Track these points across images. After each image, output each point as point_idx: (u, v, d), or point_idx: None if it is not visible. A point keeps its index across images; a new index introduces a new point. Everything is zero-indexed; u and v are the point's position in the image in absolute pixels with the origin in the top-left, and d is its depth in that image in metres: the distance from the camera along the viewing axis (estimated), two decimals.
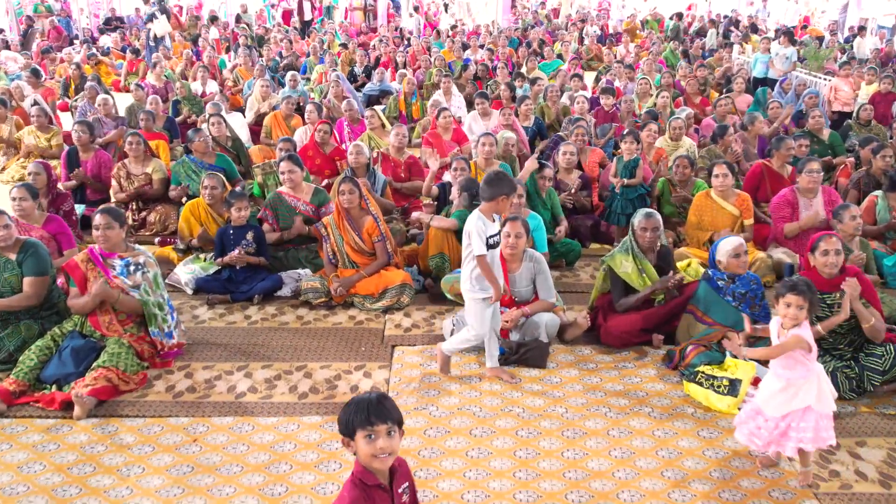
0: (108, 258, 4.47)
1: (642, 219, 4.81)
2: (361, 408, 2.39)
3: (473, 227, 4.09)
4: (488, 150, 6.71)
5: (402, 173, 7.24)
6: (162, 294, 4.57)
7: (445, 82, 10.48)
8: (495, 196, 4.08)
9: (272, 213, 5.85)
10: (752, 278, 4.57)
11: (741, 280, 4.52)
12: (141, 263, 4.50)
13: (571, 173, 6.76)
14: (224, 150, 7.65)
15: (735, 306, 4.51)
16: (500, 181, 4.09)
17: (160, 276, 4.60)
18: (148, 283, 4.48)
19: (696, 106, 10.45)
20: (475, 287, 4.20)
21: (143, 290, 4.45)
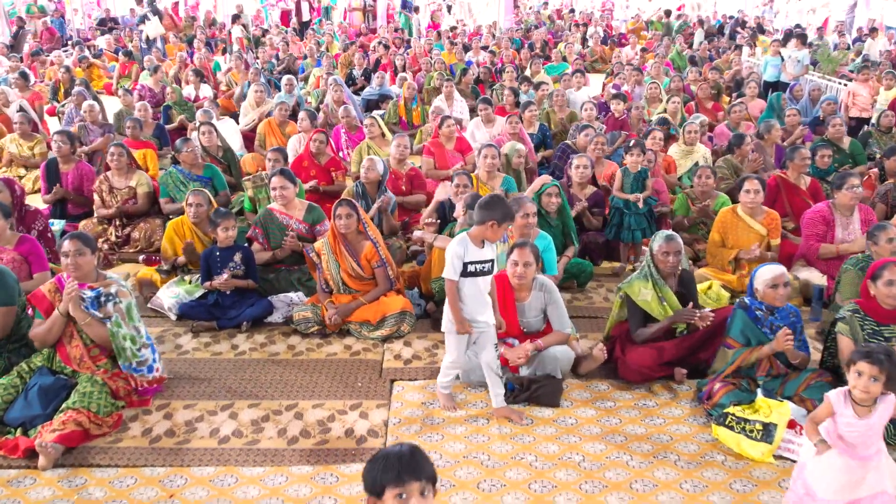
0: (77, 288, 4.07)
1: (663, 242, 4.41)
2: (391, 463, 2.16)
3: (451, 249, 3.75)
4: (491, 162, 6.32)
5: (404, 186, 6.85)
6: (136, 326, 4.16)
7: (447, 86, 10.09)
8: (484, 220, 3.71)
9: (262, 231, 5.45)
10: (791, 310, 4.18)
11: (780, 313, 4.13)
12: (112, 294, 4.10)
13: (585, 188, 6.35)
14: (214, 161, 7.27)
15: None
16: (493, 206, 3.70)
17: (134, 306, 4.20)
18: (120, 314, 4.08)
19: (708, 111, 10.05)
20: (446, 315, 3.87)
21: (114, 321, 4.06)
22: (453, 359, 4.01)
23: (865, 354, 2.92)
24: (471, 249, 3.75)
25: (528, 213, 4.94)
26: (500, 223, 3.68)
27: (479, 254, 3.77)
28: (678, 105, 9.20)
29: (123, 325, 4.08)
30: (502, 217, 3.68)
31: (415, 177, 6.91)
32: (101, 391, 3.93)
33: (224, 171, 7.28)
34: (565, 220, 5.69)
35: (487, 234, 3.74)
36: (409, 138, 6.97)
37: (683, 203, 6.27)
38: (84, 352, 4.05)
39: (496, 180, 6.43)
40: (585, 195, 6.34)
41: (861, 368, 2.91)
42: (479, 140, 8.59)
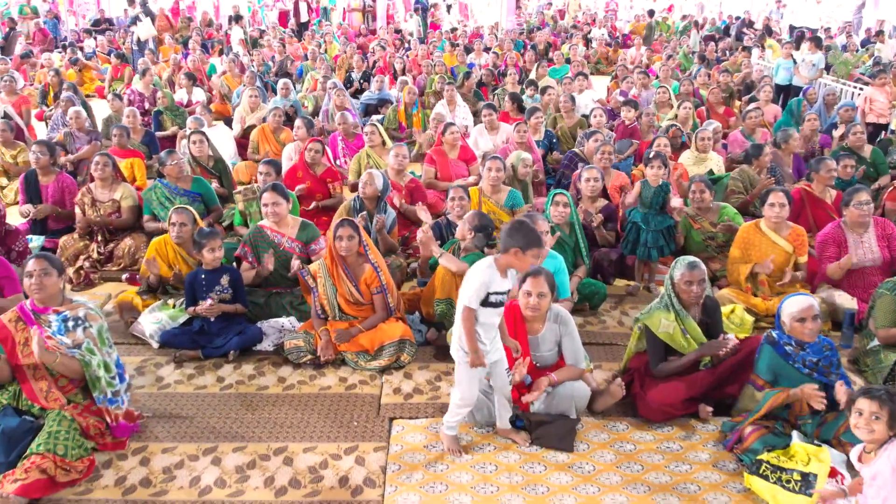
0: (41, 314, 3.71)
1: (686, 270, 4.03)
2: None
3: (477, 275, 3.40)
4: (495, 175, 5.95)
5: (403, 199, 6.48)
6: (108, 351, 3.80)
7: (449, 91, 9.71)
8: (508, 248, 3.35)
9: (252, 250, 5.08)
10: (825, 343, 3.82)
11: (812, 347, 3.76)
12: (81, 317, 3.74)
13: (595, 202, 5.98)
14: (205, 172, 6.89)
15: (807, 374, 3.76)
16: (521, 233, 3.34)
17: (106, 330, 3.83)
18: (91, 339, 3.72)
19: (720, 116, 9.68)
20: (460, 343, 3.53)
21: (85, 347, 3.69)
22: (463, 396, 3.67)
23: (865, 391, 2.91)
24: (496, 278, 3.40)
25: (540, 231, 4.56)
26: (524, 251, 3.33)
27: (500, 284, 3.43)
28: (690, 111, 8.82)
29: (97, 352, 3.72)
30: (529, 244, 3.33)
31: (415, 189, 6.54)
32: (69, 429, 3.56)
33: (215, 181, 6.92)
34: (577, 236, 5.31)
35: (513, 263, 3.40)
36: (407, 148, 6.58)
37: (685, 225, 5.88)
38: (51, 383, 3.70)
39: (501, 194, 6.06)
40: (597, 209, 5.97)
41: (861, 406, 2.87)
42: (483, 148, 8.24)
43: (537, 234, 3.41)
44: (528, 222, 3.46)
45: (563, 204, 5.29)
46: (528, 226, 3.40)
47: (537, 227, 4.50)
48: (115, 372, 3.81)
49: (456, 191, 5.39)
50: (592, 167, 5.94)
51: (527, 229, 3.38)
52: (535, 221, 4.55)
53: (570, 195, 5.37)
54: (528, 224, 3.42)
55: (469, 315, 3.44)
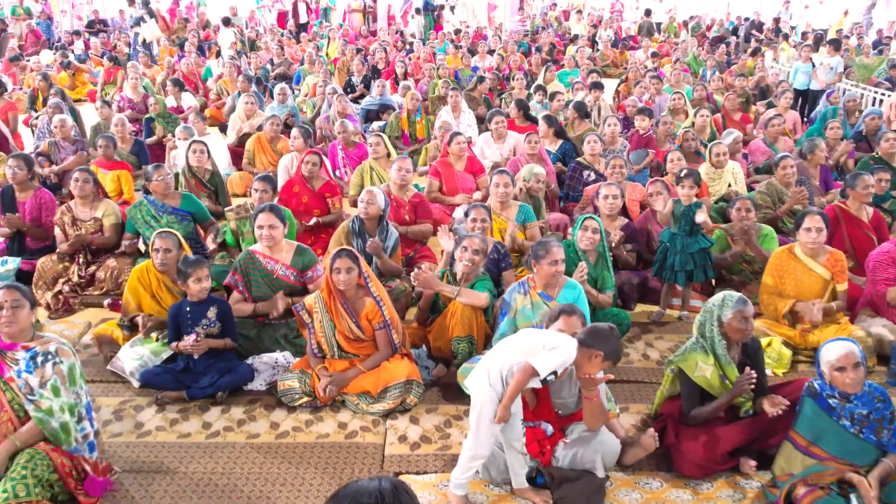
0: (8, 350, 3.28)
1: (739, 308, 3.60)
2: None
3: (566, 350, 3.21)
4: (503, 192, 5.52)
5: (407, 215, 6.05)
6: (79, 392, 3.38)
7: (453, 96, 9.27)
8: (591, 349, 3.24)
9: (242, 278, 4.64)
10: (877, 393, 3.38)
11: (860, 398, 3.33)
12: (52, 352, 3.31)
13: (615, 220, 5.54)
14: (200, 185, 6.45)
15: (855, 433, 3.32)
16: (608, 342, 3.26)
17: (79, 368, 3.41)
18: (60, 377, 3.29)
19: (737, 124, 9.23)
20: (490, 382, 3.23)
21: (50, 386, 3.25)
22: (477, 452, 3.27)
23: None
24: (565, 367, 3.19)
25: (556, 261, 4.13)
26: (604, 359, 3.24)
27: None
28: (707, 119, 8.39)
29: (62, 392, 3.29)
30: (609, 354, 3.25)
31: (419, 204, 6.11)
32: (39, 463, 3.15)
33: (210, 196, 6.49)
34: (604, 266, 4.86)
35: (584, 364, 3.24)
36: (410, 160, 6.14)
37: (721, 240, 5.45)
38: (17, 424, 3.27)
39: (511, 209, 5.63)
40: (616, 228, 5.53)
41: None
42: (489, 158, 7.81)
43: (619, 348, 3.32)
44: (612, 334, 3.28)
45: (594, 230, 4.81)
46: (614, 338, 3.28)
47: (553, 255, 4.11)
48: (85, 416, 3.39)
49: (478, 211, 4.94)
50: (612, 184, 5.50)
51: (614, 341, 3.26)
52: (551, 249, 4.13)
53: (600, 220, 4.90)
54: (615, 336, 3.28)
55: (528, 377, 3.15)
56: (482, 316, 4.31)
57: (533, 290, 4.25)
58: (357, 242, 5.19)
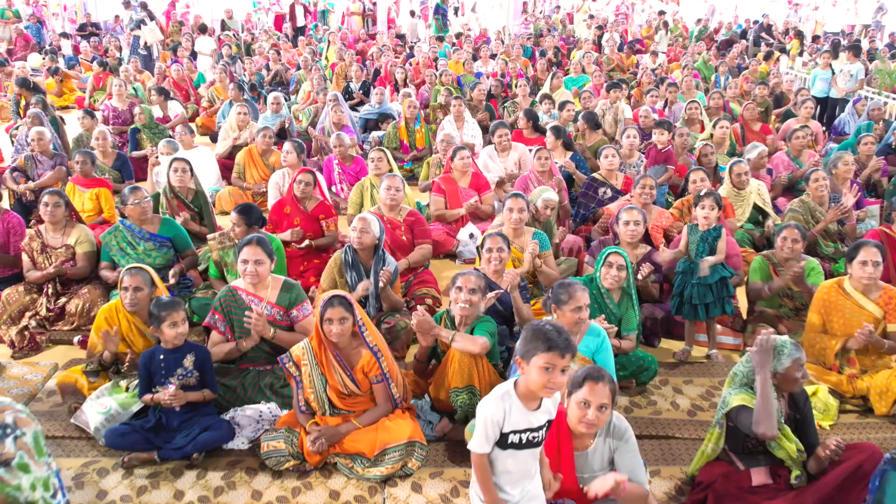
0: None
1: (795, 356, 3.17)
2: None
3: (484, 409, 2.58)
4: (518, 217, 5.03)
5: (403, 235, 5.56)
6: (47, 462, 2.87)
7: (456, 105, 8.77)
8: (531, 355, 2.52)
9: (224, 317, 4.14)
10: None
11: None
12: (10, 424, 2.80)
13: (636, 248, 5.04)
14: (182, 206, 5.95)
15: None
16: (543, 338, 2.51)
17: (41, 435, 2.88)
18: (26, 451, 2.77)
19: (757, 135, 8.75)
20: (476, 493, 2.71)
21: (16, 465, 2.75)
22: None
23: None
24: (515, 412, 2.50)
25: (580, 307, 3.64)
26: (549, 352, 2.49)
27: (527, 419, 2.52)
28: (727, 131, 7.89)
29: (32, 467, 2.76)
30: (549, 347, 2.49)
31: (415, 223, 5.62)
32: None
33: (194, 217, 5.99)
34: (629, 305, 4.35)
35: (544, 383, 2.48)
36: (401, 178, 5.61)
37: (762, 267, 4.94)
38: None
39: (524, 237, 5.14)
40: (638, 256, 5.03)
41: None
42: (493, 172, 7.32)
43: (567, 337, 2.52)
44: (549, 325, 2.55)
45: (619, 266, 4.30)
46: (548, 330, 2.52)
47: (577, 300, 3.62)
48: (57, 488, 2.89)
49: (493, 240, 4.45)
50: (633, 208, 5.00)
51: (548, 333, 2.51)
52: (575, 294, 3.63)
53: (626, 255, 4.40)
54: (549, 328, 2.53)
55: (480, 462, 2.56)
56: (485, 363, 3.80)
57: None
58: (351, 275, 4.70)
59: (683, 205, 6.02)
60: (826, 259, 5.79)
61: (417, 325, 3.85)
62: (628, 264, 4.33)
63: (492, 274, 4.46)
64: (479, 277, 3.97)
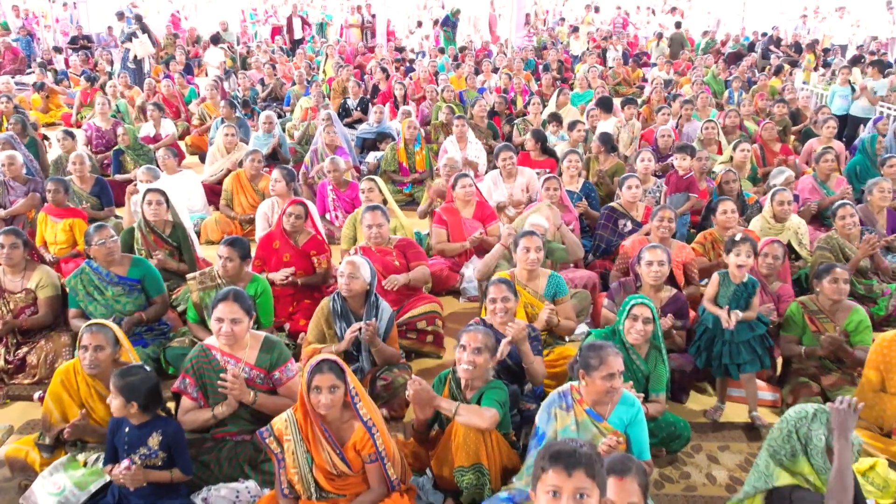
0: None
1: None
2: None
3: None
4: (535, 258, 4.50)
5: (396, 260, 5.09)
6: None
7: (459, 125, 8.27)
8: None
9: (196, 381, 3.62)
10: None
11: None
12: None
13: (660, 291, 4.53)
14: (160, 241, 5.42)
15: None
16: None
17: None
18: None
19: (777, 156, 8.26)
20: None
21: None
22: None
23: None
24: None
25: (612, 374, 3.14)
26: None
27: None
28: (748, 154, 7.39)
29: None
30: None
31: (407, 247, 5.20)
32: None
33: (173, 253, 5.47)
34: (658, 361, 3.84)
35: None
36: (381, 212, 5.07)
37: (797, 318, 4.40)
38: None
39: (540, 280, 4.61)
40: (662, 300, 4.52)
41: None
42: (497, 198, 6.81)
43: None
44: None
45: (645, 320, 3.78)
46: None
47: (610, 366, 3.13)
48: None
49: (497, 288, 3.93)
50: (656, 246, 4.48)
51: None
52: (607, 359, 3.13)
53: (653, 305, 3.89)
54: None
55: None
56: (495, 437, 3.29)
57: (578, 404, 3.26)
58: (340, 326, 4.19)
59: (707, 239, 5.51)
60: (863, 300, 5.29)
61: (414, 395, 3.35)
62: (655, 317, 3.82)
63: (498, 326, 3.95)
64: (486, 335, 3.46)
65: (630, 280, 4.69)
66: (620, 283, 4.70)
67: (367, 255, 4.89)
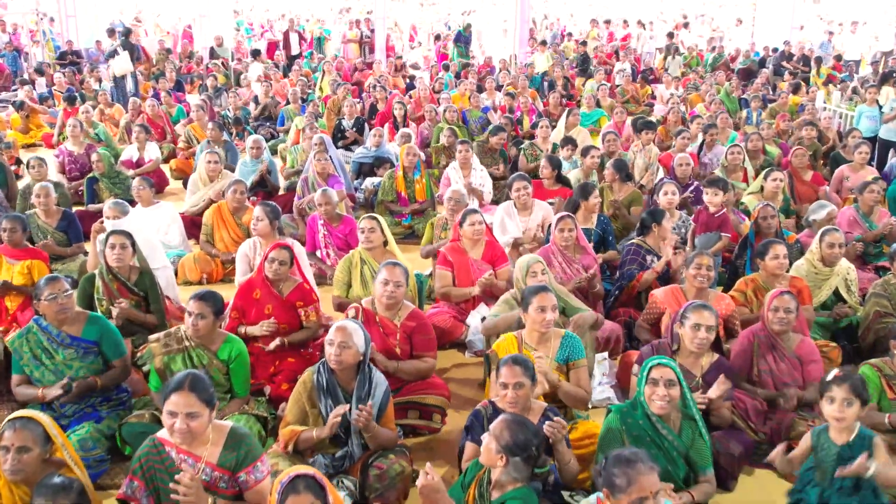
0: None
1: None
2: None
3: None
4: (551, 318, 3.83)
5: (398, 346, 4.23)
6: None
7: (463, 151, 7.62)
8: None
9: (145, 485, 2.94)
10: None
11: None
12: None
13: (701, 358, 3.86)
14: (125, 290, 4.74)
15: None
16: None
17: None
18: None
19: (808, 186, 7.61)
20: None
21: None
22: None
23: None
24: None
25: (644, 497, 2.48)
26: None
27: None
28: (781, 184, 6.73)
29: None
30: None
31: (416, 330, 4.24)
32: None
33: (139, 304, 4.79)
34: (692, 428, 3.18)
35: None
36: (402, 269, 4.24)
37: (872, 383, 3.75)
38: None
39: (551, 343, 3.93)
40: (704, 367, 3.85)
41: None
42: (510, 233, 6.16)
43: None
44: None
45: (668, 382, 3.17)
46: None
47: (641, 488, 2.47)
48: None
49: (510, 371, 3.20)
50: (705, 307, 3.77)
51: None
52: (638, 478, 2.49)
53: (674, 365, 3.25)
54: None
55: None
56: None
57: None
58: (325, 403, 3.51)
59: (749, 286, 4.84)
60: None
61: (422, 489, 2.71)
62: (680, 377, 3.19)
63: (507, 405, 3.29)
64: (517, 426, 2.84)
65: (665, 343, 4.02)
66: (654, 346, 4.02)
67: (367, 321, 4.16)
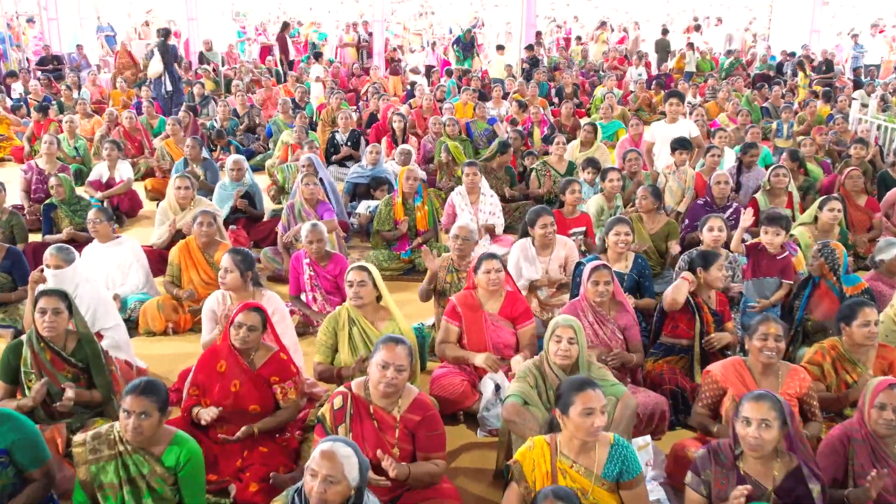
0: None
1: None
2: None
3: None
4: (599, 425, 2.90)
5: (396, 447, 3.25)
6: None
7: (470, 175, 6.67)
8: None
9: None
10: None
11: None
12: None
13: (772, 463, 2.93)
14: (61, 363, 3.80)
15: None
16: None
17: None
18: None
19: (862, 212, 6.72)
20: None
21: None
22: None
23: None
24: None
25: None
26: None
27: None
28: (838, 215, 5.80)
29: None
30: None
31: (421, 425, 3.27)
32: None
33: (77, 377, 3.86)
34: None
35: None
36: (407, 347, 3.28)
37: None
38: None
39: (594, 453, 2.99)
40: (776, 479, 2.93)
41: None
42: (527, 277, 5.27)
43: None
44: None
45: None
46: None
47: None
48: None
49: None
50: (765, 397, 2.86)
51: None
52: None
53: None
54: None
55: None
56: None
57: None
58: None
59: (829, 356, 3.94)
60: None
61: None
62: None
63: None
64: None
65: (726, 445, 3.09)
66: (710, 450, 3.09)
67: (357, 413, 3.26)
